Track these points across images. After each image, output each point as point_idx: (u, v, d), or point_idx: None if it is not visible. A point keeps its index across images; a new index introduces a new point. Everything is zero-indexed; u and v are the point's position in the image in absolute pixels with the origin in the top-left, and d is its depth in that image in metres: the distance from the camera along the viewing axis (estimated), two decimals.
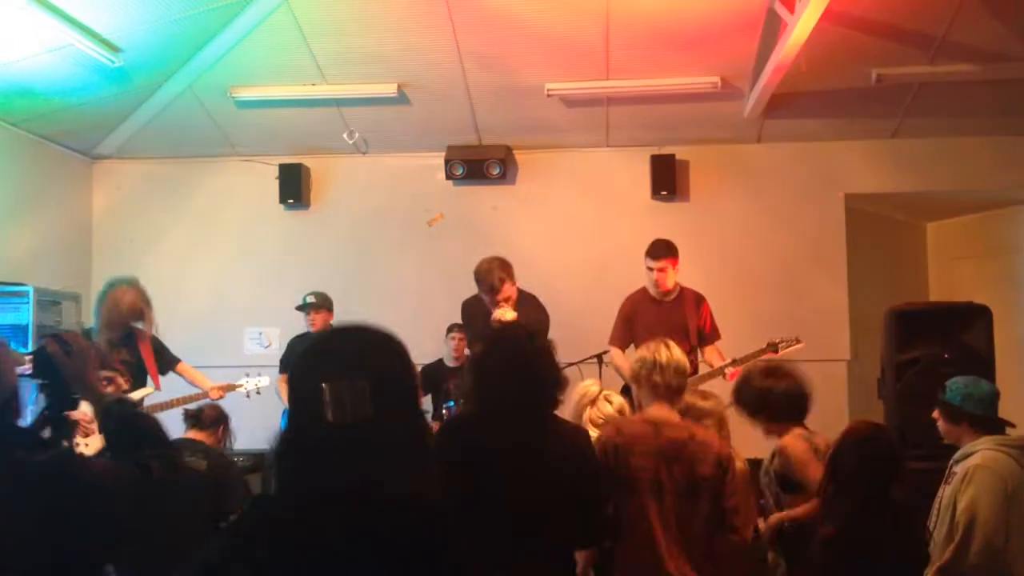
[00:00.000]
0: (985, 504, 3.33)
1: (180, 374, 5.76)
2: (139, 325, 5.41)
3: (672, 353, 3.39)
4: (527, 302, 5.27)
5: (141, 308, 5.36)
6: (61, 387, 2.22)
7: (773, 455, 3.80)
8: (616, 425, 3.33)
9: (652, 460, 3.15)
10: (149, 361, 5.44)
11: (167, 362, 5.66)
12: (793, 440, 3.61)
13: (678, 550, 3.11)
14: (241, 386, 5.95)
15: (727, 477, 3.24)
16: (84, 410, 3.27)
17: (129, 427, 2.39)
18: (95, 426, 3.96)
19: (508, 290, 5.11)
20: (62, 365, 2.24)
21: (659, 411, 3.33)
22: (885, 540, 3.09)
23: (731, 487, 3.25)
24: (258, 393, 5.99)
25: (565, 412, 3.53)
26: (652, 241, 5.90)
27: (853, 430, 3.27)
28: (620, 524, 3.17)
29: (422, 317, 7.22)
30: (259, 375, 6.16)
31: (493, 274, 5.09)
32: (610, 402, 3.94)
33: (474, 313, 5.48)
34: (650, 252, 5.80)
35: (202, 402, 5.41)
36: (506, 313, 5.05)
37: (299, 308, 6.65)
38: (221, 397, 5.64)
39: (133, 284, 5.41)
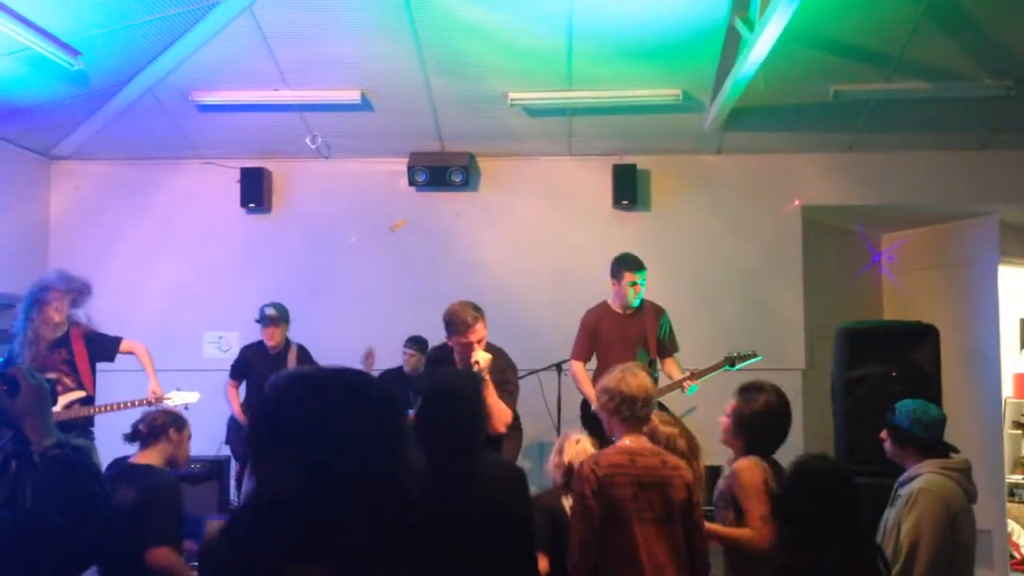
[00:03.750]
0: (929, 527, 3.41)
1: (129, 353, 5.69)
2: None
3: (638, 381, 3.46)
4: (496, 351, 4.97)
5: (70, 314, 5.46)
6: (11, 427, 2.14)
7: (726, 472, 3.84)
8: (594, 457, 3.44)
9: (631, 489, 3.29)
10: (83, 364, 5.42)
11: (108, 349, 5.61)
12: (750, 466, 3.57)
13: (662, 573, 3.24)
14: (169, 399, 5.54)
15: (694, 500, 3.39)
16: None
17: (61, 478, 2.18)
18: None
19: (481, 330, 4.85)
20: (6, 407, 2.13)
21: (632, 440, 3.44)
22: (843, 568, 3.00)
23: (698, 511, 3.40)
24: (186, 408, 5.40)
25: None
26: (624, 255, 5.93)
27: (807, 471, 3.17)
28: (605, 552, 3.27)
29: (384, 322, 7.24)
30: (191, 390, 5.80)
31: (467, 311, 4.83)
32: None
33: (441, 362, 5.10)
34: (630, 265, 5.84)
35: (147, 409, 4.76)
36: (480, 355, 4.79)
37: (259, 321, 6.59)
38: (144, 405, 5.38)
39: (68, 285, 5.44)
